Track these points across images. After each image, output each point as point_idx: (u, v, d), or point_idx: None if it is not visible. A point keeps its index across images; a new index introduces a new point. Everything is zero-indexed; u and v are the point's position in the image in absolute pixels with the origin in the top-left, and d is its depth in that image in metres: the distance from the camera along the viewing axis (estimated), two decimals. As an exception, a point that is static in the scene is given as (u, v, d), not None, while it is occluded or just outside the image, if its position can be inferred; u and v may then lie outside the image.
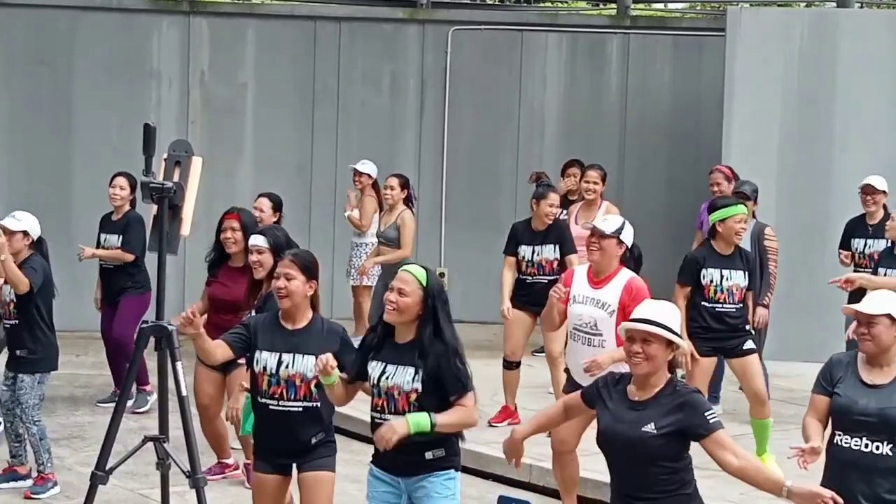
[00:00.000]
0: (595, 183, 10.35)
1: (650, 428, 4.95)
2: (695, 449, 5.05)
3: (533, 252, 9.39)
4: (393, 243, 10.95)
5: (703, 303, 8.21)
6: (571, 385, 7.23)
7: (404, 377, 5.31)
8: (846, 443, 5.35)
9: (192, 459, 6.17)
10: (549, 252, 9.36)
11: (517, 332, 9.43)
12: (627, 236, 7.18)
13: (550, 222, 9.39)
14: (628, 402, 5.07)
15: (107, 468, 6.22)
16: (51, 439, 8.32)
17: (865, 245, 10.10)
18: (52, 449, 8.13)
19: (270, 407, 5.82)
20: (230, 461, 8.43)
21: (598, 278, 7.11)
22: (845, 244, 10.26)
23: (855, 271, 10.24)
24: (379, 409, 5.39)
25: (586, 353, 6.99)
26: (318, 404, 5.81)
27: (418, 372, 5.29)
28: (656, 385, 5.05)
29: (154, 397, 9.49)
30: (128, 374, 6.42)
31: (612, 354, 6.80)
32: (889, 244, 9.09)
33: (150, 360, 7.46)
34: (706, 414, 4.96)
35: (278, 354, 5.80)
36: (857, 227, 10.19)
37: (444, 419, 5.26)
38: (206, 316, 7.86)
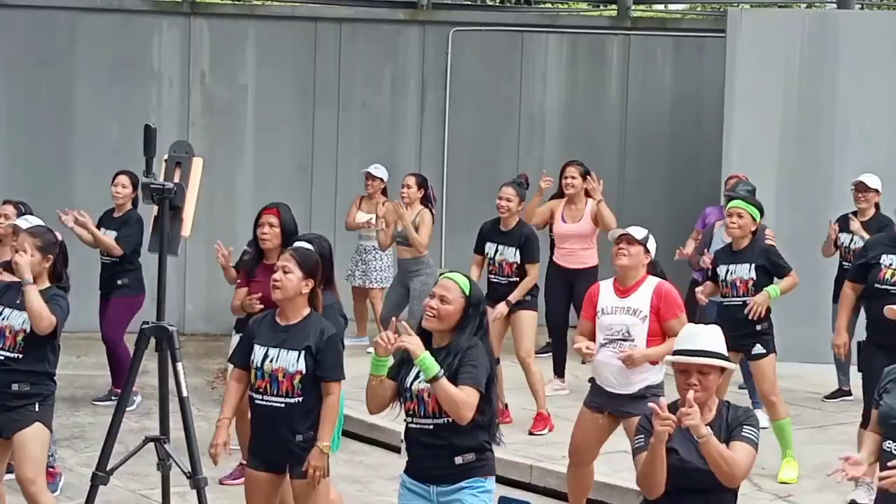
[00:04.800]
0: (573, 178, 10.36)
1: None
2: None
3: (496, 251, 9.51)
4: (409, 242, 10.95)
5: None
6: (594, 395, 7.23)
7: None
8: (889, 448, 5.22)
9: (192, 460, 6.17)
10: (511, 254, 9.44)
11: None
12: (652, 247, 7.21)
13: (501, 214, 9.45)
14: (686, 433, 4.99)
15: (108, 469, 6.22)
16: (53, 439, 8.35)
17: (852, 241, 10.20)
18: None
19: (256, 401, 5.89)
20: None
21: (624, 286, 7.11)
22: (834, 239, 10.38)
23: (840, 265, 10.35)
24: (411, 413, 5.36)
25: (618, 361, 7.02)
26: (302, 399, 5.79)
27: (446, 375, 5.24)
28: (711, 409, 5.04)
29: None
30: (128, 376, 6.43)
31: (646, 352, 6.93)
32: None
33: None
34: (747, 425, 4.96)
35: (266, 349, 5.87)
36: (846, 224, 10.28)
37: (448, 386, 5.15)
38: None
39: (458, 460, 5.28)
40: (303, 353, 5.79)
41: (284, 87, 13.96)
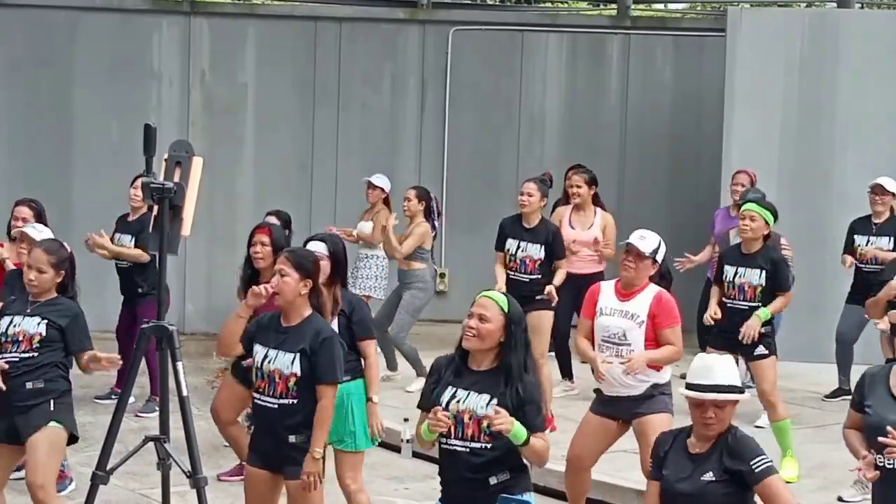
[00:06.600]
0: (579, 186, 10.30)
1: (709, 476, 4.96)
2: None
3: (518, 247, 9.49)
4: (410, 256, 10.85)
5: None
6: (602, 405, 7.17)
7: (478, 403, 5.14)
8: (880, 461, 5.15)
9: (192, 459, 6.17)
10: (535, 251, 9.44)
11: None
12: (661, 254, 7.15)
13: (523, 209, 9.53)
14: (687, 456, 5.06)
15: (108, 468, 6.21)
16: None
17: (868, 242, 10.14)
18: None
19: (255, 400, 5.94)
20: None
21: (626, 291, 7.08)
22: (848, 244, 10.27)
23: (857, 268, 10.28)
24: (447, 434, 5.18)
25: (615, 363, 7.00)
26: (296, 401, 5.79)
27: (493, 399, 5.11)
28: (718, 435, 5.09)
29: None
30: (128, 375, 6.43)
31: (648, 355, 6.91)
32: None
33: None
34: (753, 461, 4.96)
35: (266, 349, 5.89)
36: (860, 226, 10.23)
37: (537, 443, 5.11)
38: None
39: (493, 480, 5.18)
40: (298, 355, 5.80)
41: (284, 86, 13.95)
